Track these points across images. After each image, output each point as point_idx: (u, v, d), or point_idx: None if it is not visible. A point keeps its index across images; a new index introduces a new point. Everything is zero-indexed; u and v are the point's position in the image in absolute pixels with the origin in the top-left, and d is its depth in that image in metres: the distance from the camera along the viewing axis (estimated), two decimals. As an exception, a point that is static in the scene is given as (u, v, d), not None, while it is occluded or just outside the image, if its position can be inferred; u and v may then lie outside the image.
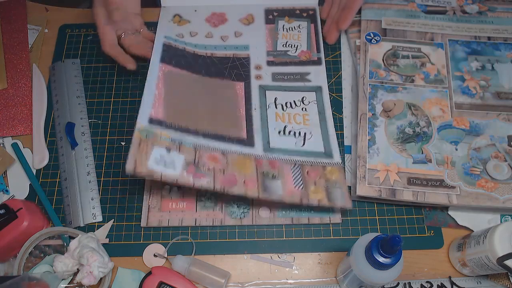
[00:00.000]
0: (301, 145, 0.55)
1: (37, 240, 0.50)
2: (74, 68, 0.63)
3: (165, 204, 0.53)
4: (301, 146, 0.55)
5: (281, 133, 0.55)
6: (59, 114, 0.60)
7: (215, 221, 0.52)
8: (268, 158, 0.53)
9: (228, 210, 0.53)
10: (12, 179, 0.56)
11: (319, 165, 0.53)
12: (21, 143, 0.58)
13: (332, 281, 0.50)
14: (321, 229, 0.52)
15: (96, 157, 0.57)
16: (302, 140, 0.55)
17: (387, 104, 0.57)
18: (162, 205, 0.53)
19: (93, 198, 0.54)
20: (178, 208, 0.53)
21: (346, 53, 0.64)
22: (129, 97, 0.61)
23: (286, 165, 0.52)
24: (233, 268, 0.51)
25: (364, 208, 0.54)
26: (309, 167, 0.53)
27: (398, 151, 0.54)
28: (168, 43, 0.61)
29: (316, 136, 0.55)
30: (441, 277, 0.50)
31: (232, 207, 0.53)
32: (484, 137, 0.54)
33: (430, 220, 0.53)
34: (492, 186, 0.51)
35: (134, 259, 0.51)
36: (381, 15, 0.63)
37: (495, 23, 0.62)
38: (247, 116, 0.57)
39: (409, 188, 0.51)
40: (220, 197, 0.53)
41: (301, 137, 0.55)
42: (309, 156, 0.54)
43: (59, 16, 0.68)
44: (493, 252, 0.43)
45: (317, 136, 0.55)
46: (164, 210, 0.53)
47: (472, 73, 0.58)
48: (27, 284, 0.44)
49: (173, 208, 0.53)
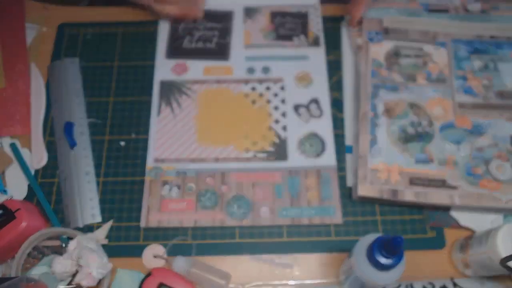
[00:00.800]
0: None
1: (35, 241, 0.50)
2: (73, 67, 0.62)
3: (165, 205, 0.53)
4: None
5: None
6: (58, 114, 0.59)
7: (215, 221, 0.52)
8: None
9: (228, 211, 0.52)
10: (11, 180, 0.56)
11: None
12: (19, 143, 0.58)
13: (334, 282, 0.50)
14: (322, 230, 0.52)
15: (95, 157, 0.57)
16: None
17: (389, 103, 0.56)
18: (161, 205, 0.53)
19: (92, 198, 0.54)
20: (178, 209, 0.53)
21: (347, 52, 0.63)
22: (128, 96, 0.61)
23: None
24: (234, 269, 0.50)
25: (365, 208, 0.53)
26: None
27: (400, 151, 0.53)
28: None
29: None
30: (443, 278, 0.49)
31: (232, 208, 0.53)
32: (487, 137, 0.54)
33: (432, 221, 0.52)
34: (494, 186, 0.51)
35: (134, 260, 0.51)
36: (383, 14, 0.63)
37: (498, 22, 0.62)
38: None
39: (411, 189, 0.51)
40: (220, 197, 0.53)
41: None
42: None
43: (57, 15, 0.68)
44: (496, 253, 0.43)
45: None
46: (163, 210, 0.52)
47: (475, 72, 0.58)
48: (25, 286, 0.43)
49: (173, 208, 0.53)
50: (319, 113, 0.58)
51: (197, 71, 0.62)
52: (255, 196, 0.53)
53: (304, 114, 0.58)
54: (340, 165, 0.56)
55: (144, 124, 0.58)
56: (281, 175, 0.55)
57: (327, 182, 0.54)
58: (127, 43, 0.64)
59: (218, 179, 0.54)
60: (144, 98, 0.60)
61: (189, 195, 0.54)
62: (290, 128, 0.58)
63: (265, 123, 0.58)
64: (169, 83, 0.61)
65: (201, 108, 0.59)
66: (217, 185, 0.54)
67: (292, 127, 0.58)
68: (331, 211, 0.52)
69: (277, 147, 0.56)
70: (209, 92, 0.60)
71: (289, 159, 0.56)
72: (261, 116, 0.58)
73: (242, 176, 0.55)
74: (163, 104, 0.59)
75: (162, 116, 0.59)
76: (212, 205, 0.53)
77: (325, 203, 0.53)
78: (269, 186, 0.54)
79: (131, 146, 0.57)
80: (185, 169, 0.55)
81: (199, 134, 0.58)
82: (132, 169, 0.56)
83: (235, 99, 0.60)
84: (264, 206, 0.53)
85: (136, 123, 0.59)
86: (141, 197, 0.54)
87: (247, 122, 0.58)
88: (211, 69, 0.62)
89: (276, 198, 0.53)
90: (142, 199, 0.53)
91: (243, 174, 0.55)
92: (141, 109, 0.60)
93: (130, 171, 0.56)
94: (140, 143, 0.57)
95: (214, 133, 0.58)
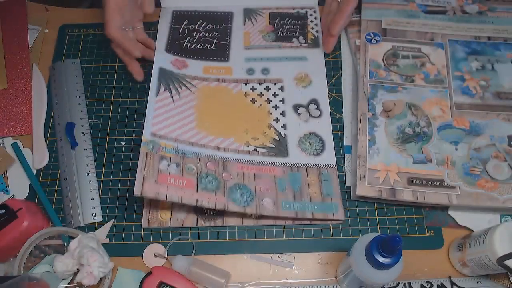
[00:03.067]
0: None
1: (37, 240, 0.50)
2: (74, 68, 0.63)
3: (163, 177, 0.50)
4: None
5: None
6: (59, 114, 0.60)
7: (218, 204, 0.50)
8: None
9: (231, 197, 0.51)
10: (12, 179, 0.56)
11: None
12: (21, 143, 0.58)
13: (332, 281, 0.50)
14: (321, 229, 0.52)
15: (96, 157, 0.57)
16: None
17: (387, 104, 0.57)
18: (159, 177, 0.50)
19: (93, 198, 0.54)
20: (177, 185, 0.50)
21: (346, 53, 0.64)
22: (129, 97, 0.61)
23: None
24: (233, 268, 0.51)
25: (364, 208, 0.54)
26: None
27: (398, 151, 0.54)
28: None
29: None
30: (441, 277, 0.50)
31: (235, 194, 0.52)
32: (484, 137, 0.54)
33: (430, 220, 0.53)
34: (492, 186, 0.51)
35: (134, 259, 0.51)
36: (381, 15, 0.63)
37: (495, 23, 0.62)
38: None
39: (409, 188, 0.51)
40: (222, 182, 0.52)
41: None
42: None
43: (59, 16, 0.68)
44: (493, 252, 0.43)
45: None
46: (161, 182, 0.50)
47: (472, 73, 0.58)
48: (27, 284, 0.44)
49: (172, 183, 0.50)
50: (318, 113, 0.59)
51: (197, 69, 0.62)
52: (257, 187, 0.53)
53: (303, 114, 0.59)
54: (339, 164, 0.56)
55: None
56: (282, 170, 0.55)
57: (328, 179, 0.54)
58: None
59: (219, 166, 0.53)
60: (144, 98, 0.60)
61: (189, 175, 0.52)
62: (289, 127, 0.58)
63: (265, 121, 0.58)
64: (169, 72, 0.60)
65: (201, 100, 0.59)
66: (218, 171, 0.53)
67: (292, 126, 0.58)
68: (333, 208, 0.52)
69: (278, 144, 0.57)
70: (208, 88, 0.60)
71: (290, 156, 0.56)
72: (261, 114, 0.59)
73: (244, 167, 0.54)
74: (162, 87, 0.58)
75: (160, 98, 0.57)
76: (214, 188, 0.51)
77: (327, 200, 0.53)
78: (271, 179, 0.54)
79: (132, 146, 0.58)
80: (185, 150, 0.53)
81: (198, 122, 0.57)
82: (133, 169, 0.56)
83: (235, 97, 0.60)
84: (267, 197, 0.52)
85: (137, 123, 0.59)
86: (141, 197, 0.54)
87: (247, 120, 0.58)
88: (210, 69, 0.62)
89: (278, 191, 0.53)
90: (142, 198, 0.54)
91: (245, 165, 0.54)
92: (142, 109, 0.60)
93: (131, 171, 0.56)
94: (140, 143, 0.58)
95: (214, 123, 0.57)
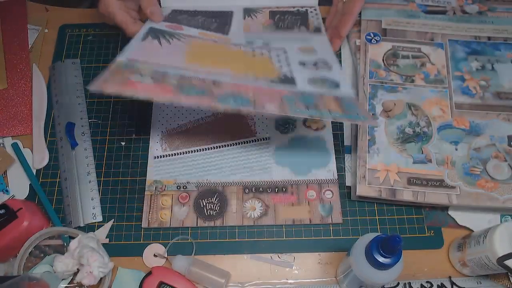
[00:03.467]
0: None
1: (37, 240, 0.50)
2: (74, 68, 0.63)
3: (130, 82, 0.44)
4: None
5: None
6: (59, 114, 0.60)
7: (202, 104, 0.42)
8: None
9: (221, 103, 0.43)
10: (12, 179, 0.56)
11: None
12: (21, 143, 0.58)
13: (332, 281, 0.50)
14: (321, 229, 0.52)
15: (96, 157, 0.57)
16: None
17: (387, 104, 0.57)
18: (126, 82, 0.43)
19: (93, 198, 0.54)
20: (149, 90, 0.43)
21: (346, 53, 0.64)
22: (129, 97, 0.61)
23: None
24: (233, 268, 0.51)
25: (364, 208, 0.54)
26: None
27: (398, 151, 0.54)
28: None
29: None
30: (441, 277, 0.50)
31: (227, 102, 0.43)
32: (484, 137, 0.54)
33: (430, 220, 0.53)
34: (492, 186, 0.51)
35: (134, 259, 0.51)
36: (381, 15, 0.63)
37: (495, 23, 0.62)
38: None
39: (409, 188, 0.51)
40: (211, 91, 0.44)
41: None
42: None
43: (59, 16, 0.68)
44: (493, 252, 0.43)
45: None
46: (128, 88, 0.43)
47: (472, 73, 0.58)
48: (27, 284, 0.44)
49: (141, 87, 0.43)
50: (328, 68, 0.54)
51: (193, 33, 0.57)
52: (258, 100, 0.44)
53: (311, 67, 0.54)
54: (339, 165, 0.56)
55: (145, 124, 0.59)
56: (290, 92, 0.47)
57: (350, 103, 0.47)
58: (127, 44, 0.64)
59: (209, 84, 0.45)
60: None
61: (169, 85, 0.44)
62: (297, 74, 0.51)
63: (269, 66, 0.53)
64: (161, 30, 0.55)
65: (194, 49, 0.53)
66: (207, 86, 0.44)
67: (300, 73, 0.52)
68: (361, 117, 0.46)
69: (285, 78, 0.50)
70: (204, 44, 0.55)
71: (298, 85, 0.49)
72: (263, 64, 0.53)
73: (241, 86, 0.46)
74: (150, 36, 0.52)
75: (145, 42, 0.51)
76: (199, 93, 0.43)
77: (352, 113, 0.46)
78: (276, 95, 0.45)
79: (132, 146, 0.58)
80: (165, 71, 0.45)
81: (189, 57, 0.49)
82: (133, 169, 0.56)
83: (233, 54, 0.55)
84: (270, 103, 0.44)
85: (137, 123, 0.59)
86: (142, 197, 0.54)
87: (246, 63, 0.52)
88: (206, 35, 0.58)
89: (286, 103, 0.45)
90: (142, 198, 0.54)
91: (242, 84, 0.46)
92: (142, 109, 0.60)
93: (130, 171, 0.56)
94: (140, 143, 0.58)
95: (207, 56, 0.51)
